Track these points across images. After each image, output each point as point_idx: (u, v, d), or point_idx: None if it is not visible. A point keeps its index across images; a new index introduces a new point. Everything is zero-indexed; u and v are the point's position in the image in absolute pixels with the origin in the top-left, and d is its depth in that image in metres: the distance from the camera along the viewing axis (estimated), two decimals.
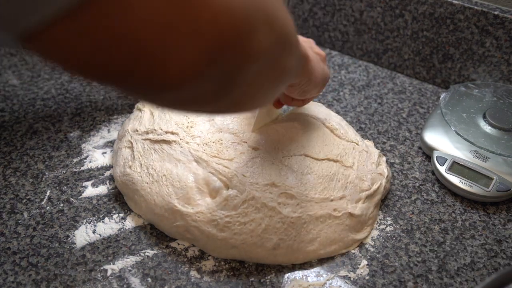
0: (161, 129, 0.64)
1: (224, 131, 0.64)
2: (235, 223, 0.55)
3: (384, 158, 0.65)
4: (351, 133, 0.66)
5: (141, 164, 0.61)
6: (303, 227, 0.55)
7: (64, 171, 0.66)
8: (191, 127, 0.64)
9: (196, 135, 0.63)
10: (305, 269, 0.56)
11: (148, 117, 0.67)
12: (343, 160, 0.61)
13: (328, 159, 0.61)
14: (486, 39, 0.76)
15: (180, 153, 0.61)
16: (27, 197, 0.63)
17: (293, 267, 0.56)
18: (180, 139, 0.62)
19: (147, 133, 0.64)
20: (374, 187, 0.60)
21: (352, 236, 0.57)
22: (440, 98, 0.75)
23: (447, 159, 0.66)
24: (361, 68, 0.89)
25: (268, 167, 0.59)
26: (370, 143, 0.68)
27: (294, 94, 0.56)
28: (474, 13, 0.75)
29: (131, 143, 0.64)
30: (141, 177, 0.60)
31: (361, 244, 0.59)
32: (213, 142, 0.62)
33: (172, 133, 0.63)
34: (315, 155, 0.61)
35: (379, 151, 0.66)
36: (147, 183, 0.59)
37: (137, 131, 0.65)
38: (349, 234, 0.57)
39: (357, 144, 0.64)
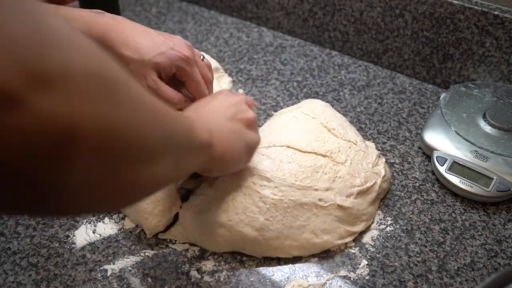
0: None
1: None
2: (216, 203, 0.56)
3: (383, 159, 0.65)
4: (352, 133, 0.66)
5: None
6: (287, 211, 0.56)
7: None
8: None
9: None
10: (305, 268, 0.56)
11: None
12: (334, 156, 0.61)
13: (316, 153, 0.61)
14: (486, 39, 0.76)
15: None
16: None
17: (294, 266, 0.56)
18: None
19: None
20: (368, 184, 0.60)
21: (344, 227, 0.58)
22: (440, 98, 0.75)
23: (447, 159, 0.66)
24: (361, 68, 0.89)
25: None
26: (371, 145, 0.68)
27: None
28: (474, 13, 0.75)
29: None
30: None
31: (361, 244, 0.59)
32: None
33: None
34: (300, 147, 0.61)
35: (379, 152, 0.66)
36: None
37: None
38: (340, 225, 0.58)
39: (355, 144, 0.64)
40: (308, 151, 0.61)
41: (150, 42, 0.58)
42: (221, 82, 0.79)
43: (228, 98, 0.54)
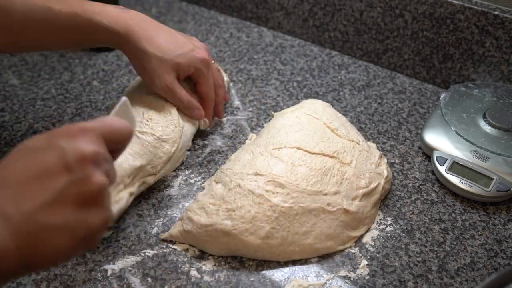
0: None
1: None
2: (223, 209, 0.56)
3: (385, 160, 0.65)
4: (354, 133, 0.66)
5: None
6: (296, 218, 0.56)
7: None
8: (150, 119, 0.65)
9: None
10: (305, 268, 0.56)
11: None
12: (341, 157, 0.61)
13: (324, 154, 0.61)
14: (486, 39, 0.76)
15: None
16: None
17: (294, 266, 0.56)
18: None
19: None
20: (372, 186, 0.60)
21: (347, 233, 0.58)
22: (440, 98, 0.75)
23: (447, 159, 0.66)
24: (361, 68, 0.89)
25: (256, 158, 0.60)
26: (373, 145, 0.68)
27: None
28: (474, 13, 0.75)
29: None
30: None
31: (361, 244, 0.59)
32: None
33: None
34: (309, 149, 0.61)
35: (380, 152, 0.66)
36: None
37: None
38: (345, 230, 0.57)
39: (358, 143, 0.64)
40: (317, 152, 0.61)
41: (173, 42, 0.62)
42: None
43: (60, 157, 0.35)
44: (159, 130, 0.62)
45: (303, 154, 0.60)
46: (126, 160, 0.59)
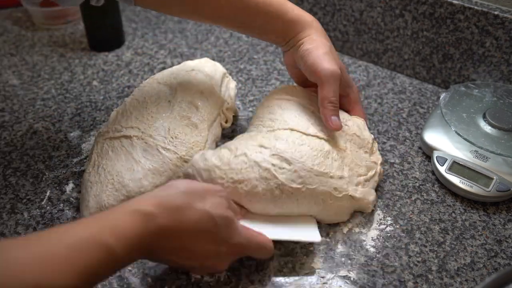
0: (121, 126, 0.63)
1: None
2: (229, 180, 0.55)
3: (376, 144, 0.65)
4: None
5: (94, 165, 0.61)
6: (304, 202, 0.56)
7: (64, 171, 0.66)
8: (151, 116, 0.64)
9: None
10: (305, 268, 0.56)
11: (113, 117, 0.67)
12: (334, 141, 0.60)
13: (318, 137, 0.59)
14: (486, 39, 0.76)
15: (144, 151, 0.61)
16: (27, 197, 0.63)
17: (293, 266, 0.56)
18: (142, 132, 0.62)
19: (107, 132, 0.64)
20: (370, 173, 0.62)
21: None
22: (440, 98, 0.75)
23: (447, 159, 0.66)
24: (361, 68, 0.89)
25: (256, 136, 0.59)
26: (361, 122, 0.65)
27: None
28: (474, 13, 0.75)
29: (94, 146, 0.64)
30: (89, 176, 0.60)
31: (361, 244, 0.59)
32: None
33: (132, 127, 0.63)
34: (303, 130, 0.60)
35: (371, 135, 0.65)
36: (90, 182, 0.60)
37: (100, 133, 0.65)
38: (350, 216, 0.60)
39: (346, 124, 0.63)
40: (311, 134, 0.60)
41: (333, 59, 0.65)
42: (229, 88, 0.77)
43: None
44: (183, 150, 0.62)
45: (299, 134, 0.59)
46: (146, 177, 0.59)
